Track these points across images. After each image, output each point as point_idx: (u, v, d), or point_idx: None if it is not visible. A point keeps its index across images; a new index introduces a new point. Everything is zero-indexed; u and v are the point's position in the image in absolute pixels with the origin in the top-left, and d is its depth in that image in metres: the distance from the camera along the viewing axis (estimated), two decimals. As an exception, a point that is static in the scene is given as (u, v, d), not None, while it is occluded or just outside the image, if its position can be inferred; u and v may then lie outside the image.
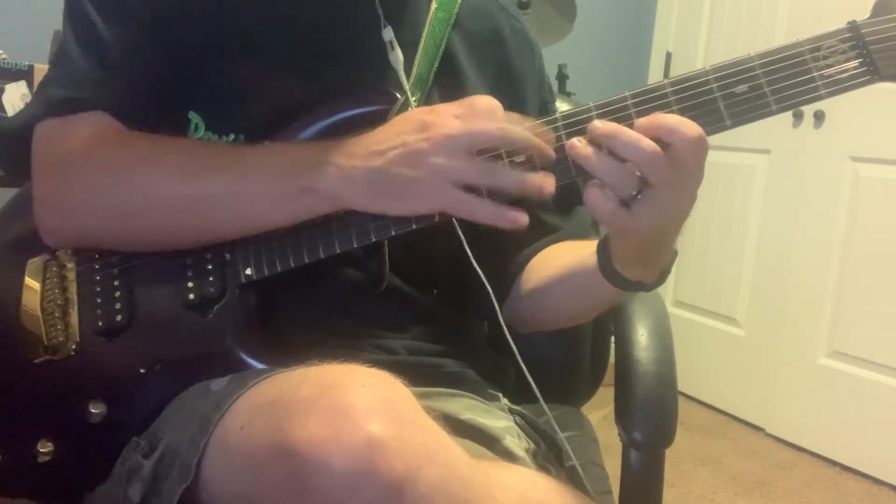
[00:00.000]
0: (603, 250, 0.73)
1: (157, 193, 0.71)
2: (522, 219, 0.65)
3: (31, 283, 0.74)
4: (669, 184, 0.62)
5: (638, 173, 0.62)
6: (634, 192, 0.63)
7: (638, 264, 0.71)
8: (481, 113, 0.66)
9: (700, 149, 0.62)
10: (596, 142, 0.63)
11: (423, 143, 0.65)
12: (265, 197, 0.69)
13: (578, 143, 0.64)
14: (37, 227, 0.76)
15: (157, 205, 0.71)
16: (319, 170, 0.67)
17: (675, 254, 0.73)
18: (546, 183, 0.65)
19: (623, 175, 0.62)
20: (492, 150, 0.66)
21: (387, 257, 0.76)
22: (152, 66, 0.76)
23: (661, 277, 0.74)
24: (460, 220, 0.72)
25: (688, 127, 0.62)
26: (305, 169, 0.68)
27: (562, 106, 1.06)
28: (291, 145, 0.72)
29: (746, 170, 2.62)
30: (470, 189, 0.65)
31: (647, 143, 0.61)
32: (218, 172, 0.70)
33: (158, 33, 0.76)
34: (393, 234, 0.69)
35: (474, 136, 0.65)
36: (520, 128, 0.66)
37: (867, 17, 0.67)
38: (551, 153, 0.66)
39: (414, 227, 0.68)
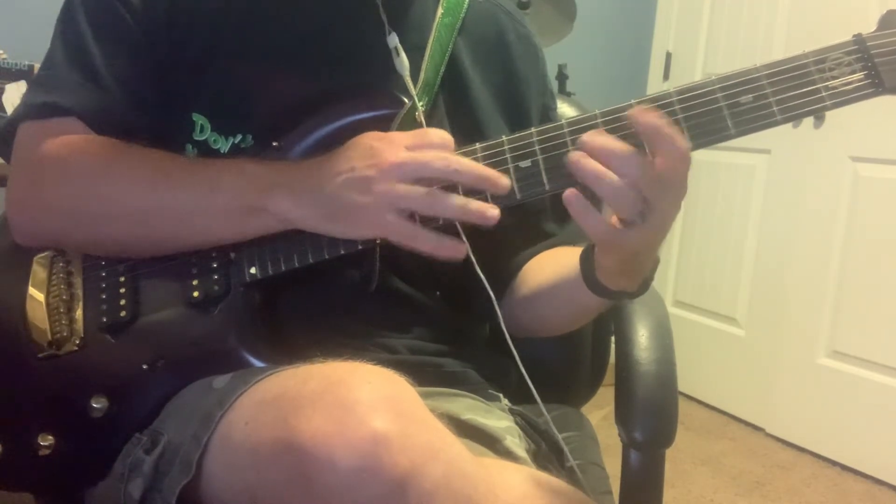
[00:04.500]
0: (586, 261, 0.73)
1: (119, 203, 0.73)
2: (461, 250, 0.67)
3: (38, 279, 0.75)
4: (663, 200, 0.63)
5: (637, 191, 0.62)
6: (638, 216, 0.63)
7: (622, 275, 0.71)
8: (433, 145, 0.67)
9: (686, 161, 0.62)
10: (592, 155, 0.63)
11: (371, 169, 0.66)
12: (220, 213, 0.71)
13: (583, 160, 0.63)
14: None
15: (118, 214, 0.73)
16: (272, 191, 0.69)
17: (657, 261, 0.73)
18: (488, 211, 0.66)
19: (631, 196, 0.62)
20: (440, 183, 0.67)
21: (377, 259, 0.77)
22: (142, 77, 0.77)
23: (644, 285, 0.74)
24: (464, 225, 0.73)
25: (678, 139, 0.62)
26: (259, 189, 0.70)
27: (562, 106, 1.07)
28: (249, 163, 0.73)
29: (746, 170, 2.62)
30: (419, 218, 0.67)
31: (642, 160, 0.61)
32: (177, 186, 0.72)
33: (159, 37, 0.77)
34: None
35: (421, 166, 0.66)
36: (469, 161, 0.67)
37: (873, 29, 0.67)
38: (504, 184, 0.67)
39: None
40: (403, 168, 0.66)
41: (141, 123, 0.77)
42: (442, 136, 0.68)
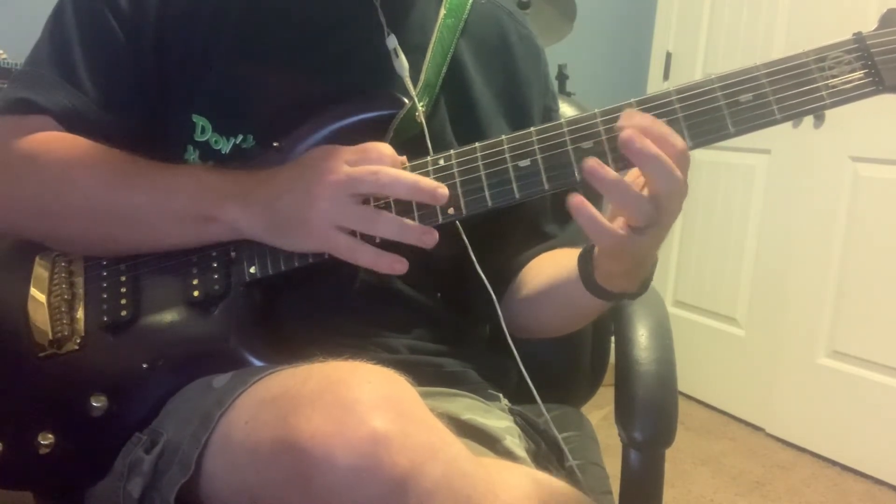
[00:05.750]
0: (584, 264, 0.73)
1: (77, 202, 0.74)
2: (400, 266, 0.68)
3: (40, 279, 0.75)
4: (671, 202, 0.63)
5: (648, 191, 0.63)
6: (644, 225, 0.63)
7: (623, 277, 0.72)
8: (369, 160, 0.68)
9: (687, 160, 0.63)
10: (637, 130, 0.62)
11: (316, 186, 0.68)
12: (172, 218, 0.72)
13: (638, 141, 0.61)
14: None
15: (76, 213, 0.74)
16: (224, 201, 0.71)
17: (656, 260, 0.73)
18: (426, 234, 0.67)
19: (648, 207, 0.62)
20: (382, 198, 0.68)
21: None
22: (124, 81, 0.78)
23: (644, 285, 0.74)
24: (464, 224, 0.73)
25: (676, 138, 0.63)
26: (212, 199, 0.71)
27: (562, 106, 1.07)
28: (206, 172, 0.74)
29: (746, 170, 2.62)
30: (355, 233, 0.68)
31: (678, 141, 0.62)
32: (134, 189, 0.73)
33: (147, 44, 0.77)
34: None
35: (356, 183, 0.67)
36: (401, 173, 0.67)
37: (873, 28, 0.67)
38: (442, 194, 0.67)
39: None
40: (342, 185, 0.67)
41: (118, 126, 0.77)
42: (380, 149, 0.69)
